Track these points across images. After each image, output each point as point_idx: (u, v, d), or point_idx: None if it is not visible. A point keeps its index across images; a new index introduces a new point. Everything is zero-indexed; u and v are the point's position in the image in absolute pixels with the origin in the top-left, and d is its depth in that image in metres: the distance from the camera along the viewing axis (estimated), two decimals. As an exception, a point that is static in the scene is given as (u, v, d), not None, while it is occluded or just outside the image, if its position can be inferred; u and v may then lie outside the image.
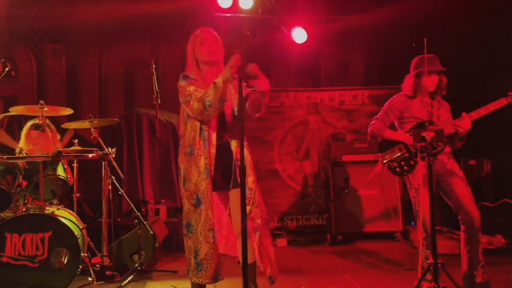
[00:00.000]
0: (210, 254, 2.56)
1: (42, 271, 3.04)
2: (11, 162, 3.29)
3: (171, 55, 6.20)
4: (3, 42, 5.77)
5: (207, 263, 2.57)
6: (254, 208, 2.61)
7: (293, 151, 5.56)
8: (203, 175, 2.55)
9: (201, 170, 2.55)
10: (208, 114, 2.51)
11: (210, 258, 2.57)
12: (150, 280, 3.61)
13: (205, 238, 2.55)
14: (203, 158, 2.56)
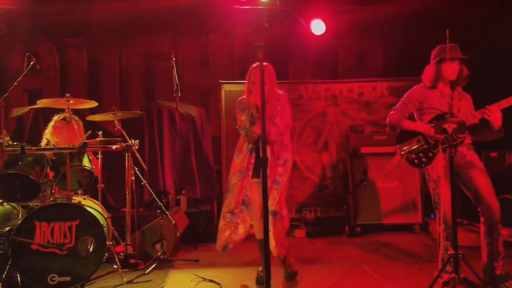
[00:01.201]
0: (224, 229, 3.40)
1: (69, 258, 3.14)
2: (39, 153, 3.40)
3: (190, 47, 6.27)
4: (27, 37, 5.92)
5: (220, 235, 3.40)
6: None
7: (312, 143, 5.58)
8: (236, 174, 3.39)
9: (236, 169, 3.41)
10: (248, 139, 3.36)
11: (222, 232, 3.39)
12: (173, 268, 3.70)
13: (223, 217, 3.41)
14: (240, 163, 3.40)
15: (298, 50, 6.14)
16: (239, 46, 6.28)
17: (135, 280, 3.34)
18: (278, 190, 3.28)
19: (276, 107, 3.34)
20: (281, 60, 6.11)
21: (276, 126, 3.29)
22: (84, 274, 3.15)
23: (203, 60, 6.36)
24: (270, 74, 3.37)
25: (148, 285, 3.25)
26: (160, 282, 3.29)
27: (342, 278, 3.39)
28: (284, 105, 3.40)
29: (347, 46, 6.26)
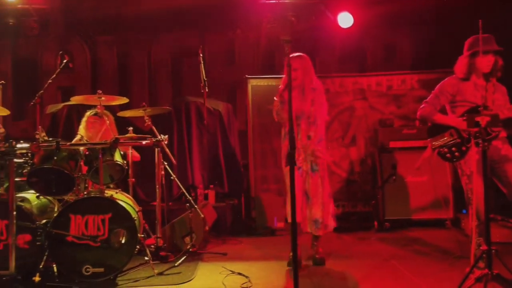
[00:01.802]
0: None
1: (103, 250, 3.24)
2: (73, 148, 3.51)
3: (218, 42, 6.31)
4: (60, 35, 6.10)
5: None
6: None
7: (339, 137, 5.53)
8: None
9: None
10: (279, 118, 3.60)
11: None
12: (202, 261, 3.76)
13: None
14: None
15: (324, 43, 6.08)
16: (265, 40, 6.27)
17: (165, 272, 3.41)
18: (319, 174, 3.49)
19: (312, 98, 3.51)
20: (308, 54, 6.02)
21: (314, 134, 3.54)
22: (116, 265, 3.25)
23: (230, 55, 6.39)
24: (304, 63, 3.56)
25: (178, 277, 3.31)
26: (189, 274, 3.35)
27: (371, 273, 3.36)
28: (320, 100, 3.56)
29: (375, 38, 6.15)
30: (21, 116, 5.79)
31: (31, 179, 3.36)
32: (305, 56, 3.63)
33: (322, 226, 3.58)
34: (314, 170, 3.54)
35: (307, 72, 3.56)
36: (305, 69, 3.55)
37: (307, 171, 3.55)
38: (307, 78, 3.55)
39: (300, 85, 3.53)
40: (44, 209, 3.55)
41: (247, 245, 4.39)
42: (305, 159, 3.53)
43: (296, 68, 3.49)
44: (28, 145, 3.33)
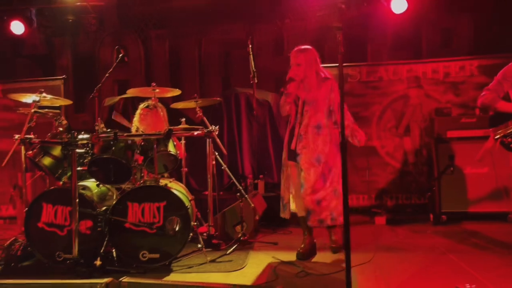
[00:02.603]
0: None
1: (158, 237, 3.36)
2: (130, 139, 3.66)
3: (265, 33, 6.30)
4: (116, 31, 6.35)
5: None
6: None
7: (392, 127, 5.36)
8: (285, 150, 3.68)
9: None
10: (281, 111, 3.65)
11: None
12: (252, 250, 3.81)
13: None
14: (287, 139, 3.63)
15: (377, 30, 5.89)
16: (314, 29, 6.18)
17: (217, 260, 3.49)
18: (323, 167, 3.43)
19: (329, 86, 3.50)
20: (359, 41, 5.91)
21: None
22: (171, 252, 3.36)
23: (278, 46, 6.36)
24: (308, 57, 3.51)
25: (230, 264, 3.37)
26: (241, 263, 3.40)
27: (427, 267, 3.25)
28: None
29: (431, 23, 5.86)
30: (81, 109, 6.10)
31: (92, 168, 3.54)
32: (310, 49, 3.58)
33: (311, 218, 3.47)
34: (320, 162, 3.45)
35: (310, 66, 3.52)
36: (309, 63, 3.52)
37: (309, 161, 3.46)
38: (311, 72, 3.52)
39: (303, 80, 3.51)
40: (104, 196, 3.73)
41: (297, 235, 4.36)
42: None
43: (299, 63, 3.49)
44: (88, 136, 3.51)
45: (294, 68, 3.51)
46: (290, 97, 3.51)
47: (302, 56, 3.51)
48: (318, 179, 3.44)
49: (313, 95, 3.50)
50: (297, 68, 3.49)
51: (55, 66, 6.42)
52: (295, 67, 3.50)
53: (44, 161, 3.57)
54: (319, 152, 3.45)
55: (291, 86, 3.47)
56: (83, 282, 1.81)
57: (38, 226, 3.40)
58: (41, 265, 3.38)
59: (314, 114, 3.48)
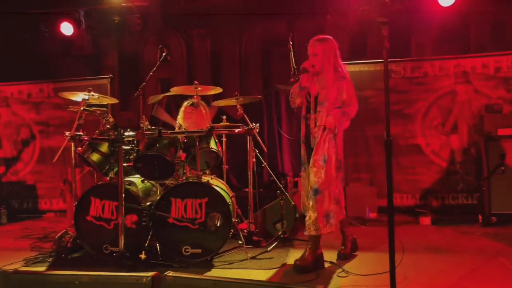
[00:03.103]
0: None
1: (200, 233, 3.42)
2: (173, 136, 3.74)
3: (307, 29, 6.22)
4: (159, 30, 6.49)
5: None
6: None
7: (438, 124, 5.17)
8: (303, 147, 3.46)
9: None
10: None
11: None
12: (292, 247, 3.79)
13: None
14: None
15: (421, 24, 5.69)
16: (356, 25, 6.06)
17: (258, 256, 3.50)
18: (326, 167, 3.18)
19: (342, 86, 3.20)
20: (403, 36, 5.73)
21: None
22: (212, 247, 3.41)
23: (320, 42, 6.27)
24: (327, 47, 3.24)
25: (270, 262, 3.38)
26: (281, 260, 3.40)
27: (475, 270, 3.11)
28: (351, 91, 3.25)
29: (481, 15, 5.58)
30: (126, 107, 6.29)
31: (137, 164, 3.65)
32: (329, 39, 3.29)
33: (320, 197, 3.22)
34: (326, 161, 3.19)
35: (328, 58, 3.22)
36: (327, 55, 3.22)
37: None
38: (328, 65, 3.22)
39: (320, 72, 3.23)
40: (148, 192, 3.83)
41: (338, 234, 4.28)
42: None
43: (316, 53, 3.23)
44: (134, 133, 3.62)
45: (310, 59, 3.24)
46: (304, 91, 3.30)
47: (320, 46, 3.23)
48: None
49: (325, 93, 3.20)
50: (314, 58, 3.22)
51: (101, 65, 6.66)
52: (311, 57, 3.24)
53: (93, 157, 3.71)
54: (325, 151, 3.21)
55: (304, 78, 3.23)
56: (130, 275, 1.86)
57: (87, 219, 3.55)
58: (90, 257, 3.53)
59: (324, 116, 3.19)
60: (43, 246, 4.05)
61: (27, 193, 6.00)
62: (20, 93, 6.09)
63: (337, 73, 3.26)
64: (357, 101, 3.30)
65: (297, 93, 3.33)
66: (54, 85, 5.99)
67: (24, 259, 3.52)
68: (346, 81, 3.24)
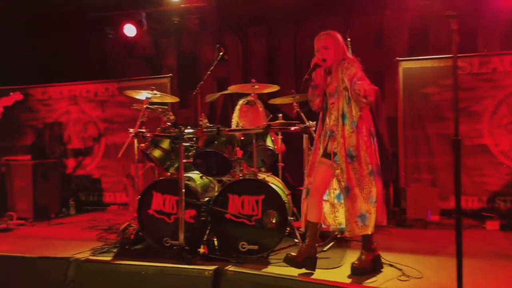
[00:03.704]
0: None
1: (256, 229, 3.45)
2: (230, 134, 3.80)
3: (364, 25, 6.08)
4: (216, 30, 6.62)
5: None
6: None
7: (508, 123, 4.84)
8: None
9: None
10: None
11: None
12: (349, 248, 3.72)
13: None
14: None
15: (489, 18, 5.36)
16: (417, 19, 5.82)
17: (314, 256, 3.46)
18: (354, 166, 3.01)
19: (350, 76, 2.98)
20: (469, 30, 5.43)
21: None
22: (269, 244, 3.43)
23: (378, 38, 6.10)
24: (335, 40, 3.11)
25: (327, 262, 3.34)
26: (338, 260, 3.35)
27: (551, 280, 2.89)
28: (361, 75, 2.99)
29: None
30: (184, 105, 6.47)
31: (196, 161, 3.75)
32: (334, 33, 3.17)
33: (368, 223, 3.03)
34: (353, 157, 3.02)
35: (338, 51, 3.10)
36: (337, 47, 3.10)
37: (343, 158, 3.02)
38: (339, 56, 3.09)
39: (331, 65, 3.11)
40: (206, 188, 3.92)
41: (397, 236, 4.20)
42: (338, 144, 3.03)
43: (327, 46, 3.09)
44: (193, 130, 3.72)
45: (322, 52, 3.11)
46: (319, 89, 3.16)
47: (330, 38, 3.11)
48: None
49: (337, 82, 3.07)
50: (325, 52, 3.09)
51: (161, 65, 6.90)
52: (322, 51, 3.11)
53: (155, 153, 3.86)
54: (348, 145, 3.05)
55: (318, 76, 3.12)
56: (193, 268, 1.92)
57: (149, 213, 3.70)
58: (151, 249, 3.67)
59: (337, 104, 3.06)
60: (108, 237, 4.27)
61: (93, 186, 6.36)
62: (87, 92, 6.46)
63: (346, 63, 3.08)
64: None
65: (312, 93, 3.22)
66: (118, 85, 6.29)
67: (92, 249, 3.73)
68: (356, 64, 3.03)
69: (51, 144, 6.56)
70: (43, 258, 2.13)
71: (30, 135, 6.62)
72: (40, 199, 5.38)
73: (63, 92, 6.53)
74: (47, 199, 5.49)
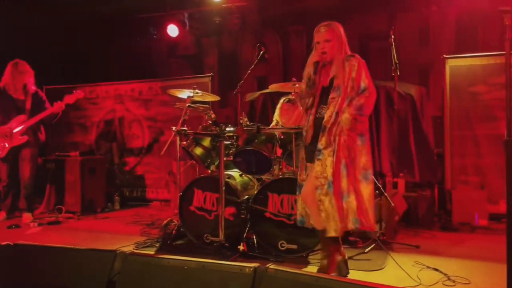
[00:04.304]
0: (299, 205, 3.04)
1: (295, 229, 3.40)
2: (270, 132, 3.80)
3: (408, 23, 5.94)
4: (257, 29, 6.66)
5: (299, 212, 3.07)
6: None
7: None
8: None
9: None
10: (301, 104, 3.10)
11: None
12: (391, 251, 3.63)
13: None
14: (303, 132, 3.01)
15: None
16: (466, 15, 5.60)
17: (355, 257, 3.41)
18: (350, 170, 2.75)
19: (349, 73, 2.80)
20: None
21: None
22: (308, 244, 3.40)
23: (423, 35, 5.95)
24: (337, 32, 2.88)
25: (368, 264, 3.28)
26: (380, 263, 3.28)
27: None
28: (361, 70, 2.80)
29: None
30: (224, 104, 6.56)
31: (236, 159, 3.78)
32: (336, 24, 2.93)
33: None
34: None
35: (340, 43, 2.88)
36: (339, 39, 2.88)
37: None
38: (341, 49, 2.88)
39: (332, 60, 2.88)
40: (246, 186, 3.95)
41: (442, 240, 4.05)
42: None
43: (328, 39, 2.86)
44: (234, 129, 3.75)
45: (323, 45, 2.87)
46: (315, 88, 2.91)
47: (331, 30, 2.87)
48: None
49: (341, 77, 2.84)
50: (326, 45, 2.86)
51: (203, 64, 7.03)
52: (323, 44, 2.87)
53: (196, 151, 3.93)
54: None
55: (317, 74, 2.88)
56: (234, 264, 1.94)
57: (190, 209, 3.77)
58: (192, 245, 3.74)
59: (337, 101, 2.83)
60: (150, 232, 4.40)
61: (137, 182, 6.57)
62: (132, 91, 6.67)
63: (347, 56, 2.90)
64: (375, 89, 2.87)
65: (307, 91, 2.97)
66: (162, 84, 6.45)
67: (135, 243, 3.86)
68: (357, 58, 2.85)
69: (97, 141, 6.83)
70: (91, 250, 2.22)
71: (79, 132, 6.93)
72: (87, 194, 5.61)
73: (109, 91, 6.78)
74: (94, 194, 5.72)
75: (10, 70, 5.02)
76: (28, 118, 5.00)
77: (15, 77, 5.00)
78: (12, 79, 5.00)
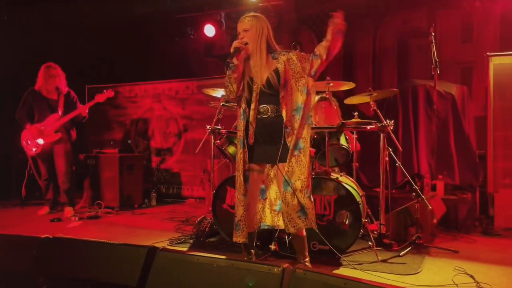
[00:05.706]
0: (244, 217, 2.91)
1: (328, 230, 3.39)
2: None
3: (449, 19, 5.73)
4: (292, 27, 6.62)
5: (242, 224, 2.93)
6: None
7: None
8: (238, 144, 2.92)
9: (239, 141, 2.91)
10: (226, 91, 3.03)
11: (244, 220, 2.92)
12: (428, 255, 3.51)
13: (239, 202, 2.93)
14: (239, 132, 2.91)
15: None
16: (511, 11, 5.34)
17: (389, 260, 3.33)
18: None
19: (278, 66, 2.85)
20: None
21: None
22: (341, 246, 3.35)
23: (466, 32, 5.71)
24: (259, 23, 2.89)
25: (403, 267, 3.19)
26: (416, 267, 3.18)
27: None
28: (295, 69, 2.87)
29: None
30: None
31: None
32: (261, 16, 2.95)
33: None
34: (300, 149, 2.83)
35: (261, 35, 2.87)
36: (260, 30, 2.87)
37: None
38: (262, 41, 2.87)
39: (255, 50, 2.87)
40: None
41: (483, 245, 3.88)
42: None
43: (246, 29, 2.87)
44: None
45: (242, 35, 2.90)
46: (236, 71, 2.87)
47: (252, 21, 2.89)
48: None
49: (263, 74, 2.87)
50: (245, 34, 2.88)
51: (238, 64, 7.06)
52: (242, 34, 2.90)
53: (229, 150, 3.96)
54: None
55: (238, 57, 2.88)
56: (262, 264, 1.94)
57: (223, 207, 3.80)
58: (224, 242, 3.78)
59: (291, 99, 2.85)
60: (185, 228, 4.48)
61: (173, 179, 6.71)
62: (169, 90, 6.82)
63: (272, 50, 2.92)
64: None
65: (229, 76, 2.91)
66: (198, 83, 6.54)
67: (169, 239, 3.94)
68: (298, 53, 2.96)
69: (136, 139, 7.03)
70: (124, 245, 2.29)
71: (118, 130, 7.15)
72: (125, 190, 5.78)
73: (147, 90, 6.96)
74: (131, 190, 5.88)
75: (42, 73, 5.31)
76: (61, 117, 5.25)
77: (47, 80, 5.30)
78: (45, 82, 5.30)
